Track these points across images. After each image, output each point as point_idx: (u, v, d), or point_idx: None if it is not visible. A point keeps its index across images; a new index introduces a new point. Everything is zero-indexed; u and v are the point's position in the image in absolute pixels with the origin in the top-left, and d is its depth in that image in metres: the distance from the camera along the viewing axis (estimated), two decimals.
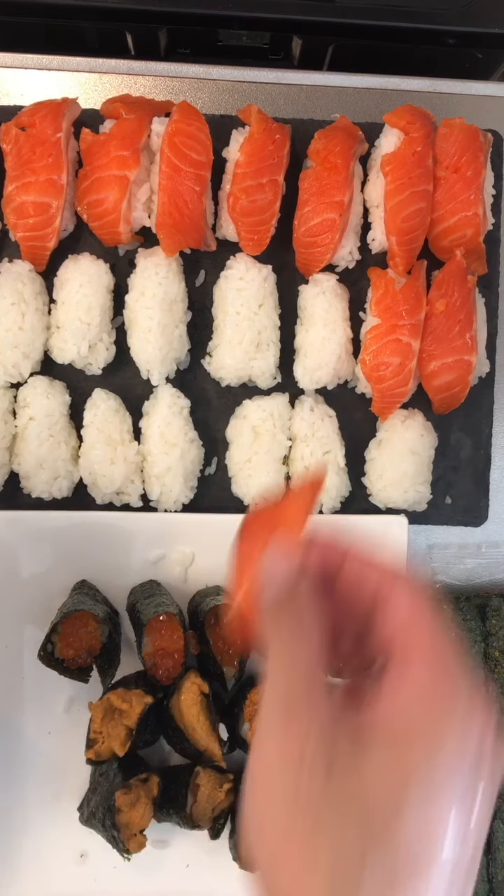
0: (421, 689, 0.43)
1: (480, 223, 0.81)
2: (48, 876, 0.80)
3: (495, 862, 0.81)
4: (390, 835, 0.39)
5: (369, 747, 0.41)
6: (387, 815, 0.39)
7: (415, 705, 0.42)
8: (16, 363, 0.81)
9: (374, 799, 0.39)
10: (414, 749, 0.41)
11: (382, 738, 0.41)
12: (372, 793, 0.40)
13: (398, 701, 0.43)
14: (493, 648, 0.83)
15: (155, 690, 0.77)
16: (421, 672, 0.43)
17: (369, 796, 0.39)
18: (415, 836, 0.39)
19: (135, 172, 0.79)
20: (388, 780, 0.40)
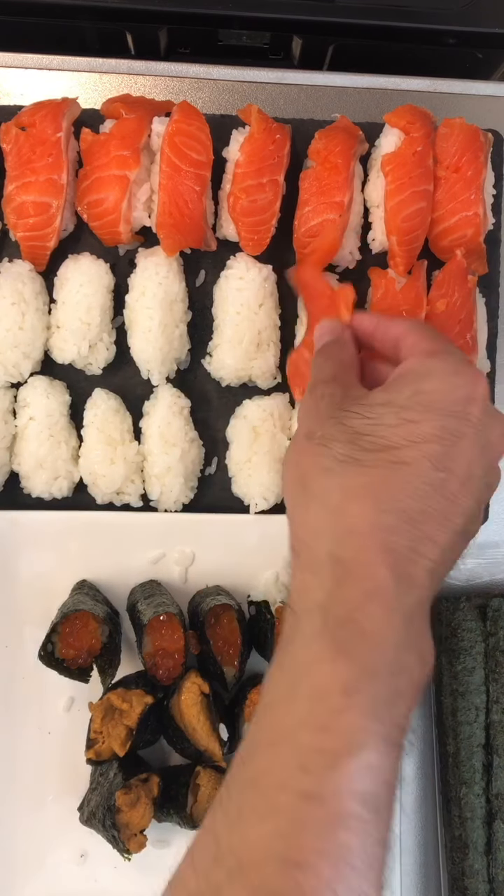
0: (417, 356, 0.57)
1: (481, 223, 0.82)
2: (48, 876, 0.80)
3: (495, 862, 0.81)
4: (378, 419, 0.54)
5: (371, 394, 0.57)
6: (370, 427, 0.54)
7: (409, 366, 0.57)
8: (16, 363, 0.81)
9: (374, 405, 0.55)
10: (403, 383, 0.56)
11: (381, 386, 0.57)
12: (371, 401, 0.56)
13: (398, 371, 0.57)
14: (493, 648, 0.83)
15: (155, 690, 0.77)
16: (419, 352, 0.58)
17: (363, 417, 0.55)
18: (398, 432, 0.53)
19: (135, 172, 0.79)
20: (377, 404, 0.55)
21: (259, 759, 0.48)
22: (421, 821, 0.87)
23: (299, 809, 0.45)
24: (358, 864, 0.44)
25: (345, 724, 0.46)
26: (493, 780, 0.81)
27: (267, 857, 0.44)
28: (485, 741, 0.82)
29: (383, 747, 0.46)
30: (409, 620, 0.49)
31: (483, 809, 0.82)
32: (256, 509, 0.83)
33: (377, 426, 0.54)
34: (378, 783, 0.45)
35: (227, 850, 0.46)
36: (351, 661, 0.47)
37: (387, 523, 0.50)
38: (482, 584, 0.89)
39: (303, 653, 0.49)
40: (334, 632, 0.49)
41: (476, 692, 0.82)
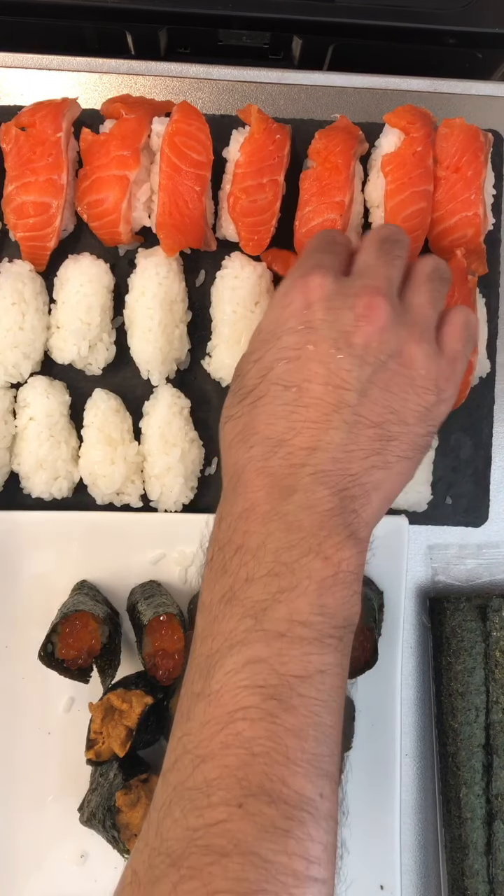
0: None
1: (481, 223, 0.82)
2: (48, 876, 0.80)
3: (495, 862, 0.81)
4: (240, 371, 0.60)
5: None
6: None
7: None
8: (16, 363, 0.81)
9: (237, 378, 0.60)
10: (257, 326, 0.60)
11: None
12: (238, 373, 0.60)
13: None
14: (493, 648, 0.83)
15: (155, 690, 0.77)
16: None
17: (237, 376, 0.60)
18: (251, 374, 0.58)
19: (135, 172, 0.79)
20: (242, 360, 0.60)
21: (184, 676, 0.53)
22: (421, 821, 0.87)
23: (199, 709, 0.48)
24: (264, 752, 0.45)
25: (222, 627, 0.50)
26: (493, 780, 0.81)
27: (182, 756, 0.48)
28: (485, 741, 0.82)
29: (271, 641, 0.48)
30: (293, 526, 0.51)
31: (483, 810, 0.82)
32: None
33: (241, 378, 0.58)
34: (271, 675, 0.47)
35: (166, 757, 0.50)
36: (226, 575, 0.51)
37: (257, 454, 0.54)
38: (482, 584, 0.89)
39: (202, 583, 0.54)
40: (214, 555, 0.53)
41: (476, 692, 0.82)
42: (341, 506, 0.52)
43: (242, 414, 0.56)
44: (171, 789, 0.47)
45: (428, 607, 0.88)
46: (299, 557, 0.50)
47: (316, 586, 0.50)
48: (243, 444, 0.55)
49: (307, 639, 0.49)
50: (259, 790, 0.44)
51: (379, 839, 0.80)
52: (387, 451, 0.55)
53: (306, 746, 0.47)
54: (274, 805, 0.44)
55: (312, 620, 0.49)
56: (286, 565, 0.50)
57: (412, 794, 0.87)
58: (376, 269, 0.59)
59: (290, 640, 0.48)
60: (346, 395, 0.54)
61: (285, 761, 0.46)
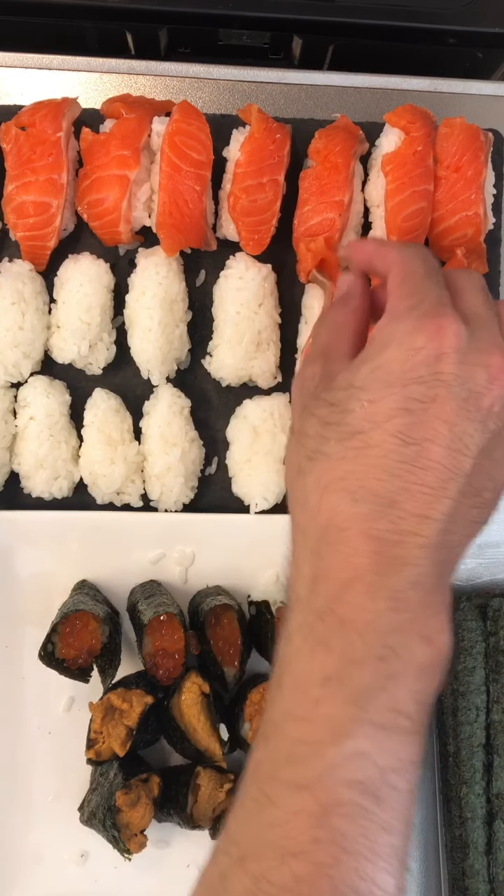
0: (384, 317, 0.54)
1: (481, 223, 0.82)
2: (49, 876, 0.80)
3: (496, 862, 0.81)
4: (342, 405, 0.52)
5: (340, 375, 0.54)
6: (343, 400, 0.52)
7: (375, 332, 0.54)
8: (16, 363, 0.81)
9: (337, 390, 0.53)
10: (363, 358, 0.53)
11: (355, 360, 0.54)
12: (336, 386, 0.53)
13: (370, 338, 0.54)
14: (493, 648, 0.83)
15: (155, 690, 0.77)
16: (387, 311, 0.54)
17: (330, 405, 0.53)
18: (360, 415, 0.51)
19: (135, 172, 0.79)
20: (341, 388, 0.53)
21: (256, 751, 0.49)
22: (421, 821, 0.87)
23: (290, 799, 0.45)
24: (356, 849, 0.44)
25: (324, 713, 0.46)
26: (493, 779, 0.81)
27: (264, 847, 0.45)
28: (485, 741, 0.82)
29: (373, 733, 0.46)
30: (401, 602, 0.48)
31: (483, 809, 0.82)
32: (256, 509, 0.83)
33: (343, 413, 0.52)
34: (371, 769, 0.45)
35: (232, 841, 0.47)
36: (328, 652, 0.47)
37: (363, 512, 0.49)
38: (482, 584, 0.89)
39: (286, 648, 0.50)
40: (313, 624, 0.49)
41: (476, 692, 0.82)
42: (441, 581, 0.50)
43: (345, 457, 0.51)
44: (252, 880, 0.45)
45: None
46: (406, 641, 0.47)
47: (418, 673, 0.48)
48: (346, 495, 0.50)
49: (406, 730, 0.47)
50: (349, 889, 0.44)
51: None
52: (478, 519, 0.53)
53: (394, 841, 0.46)
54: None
55: (411, 711, 0.47)
56: (392, 649, 0.47)
57: None
58: (491, 323, 0.54)
59: (391, 732, 0.46)
60: (465, 461, 0.50)
61: (375, 858, 0.44)
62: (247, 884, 0.45)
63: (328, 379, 0.54)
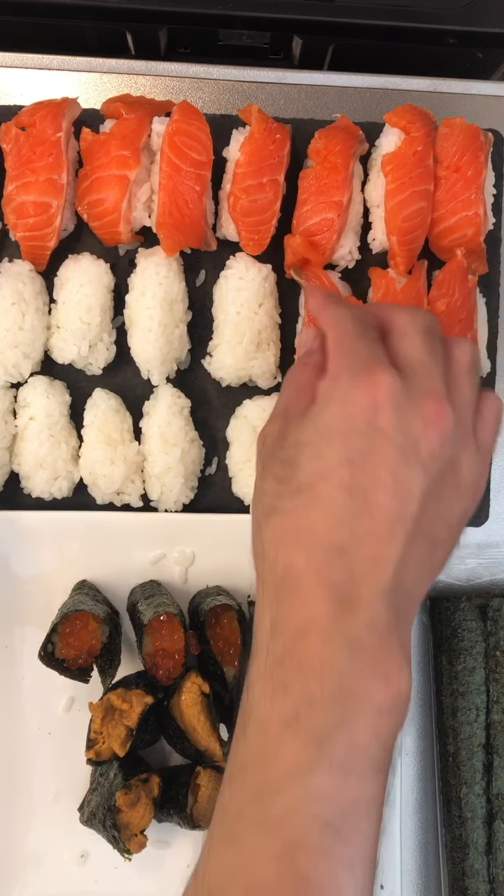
0: (324, 381, 0.56)
1: (481, 223, 0.82)
2: (48, 876, 0.80)
3: (496, 862, 0.81)
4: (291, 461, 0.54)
5: (290, 433, 0.56)
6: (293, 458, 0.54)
7: (321, 390, 0.56)
8: (16, 363, 0.81)
9: (288, 448, 0.55)
10: (308, 418, 0.55)
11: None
12: (287, 444, 0.55)
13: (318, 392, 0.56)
14: (493, 648, 0.83)
15: (155, 690, 0.77)
16: (326, 376, 0.56)
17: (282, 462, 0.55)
18: (308, 470, 0.53)
19: (135, 172, 0.79)
20: (291, 445, 0.55)
21: (224, 792, 0.51)
22: (421, 821, 0.87)
23: (255, 837, 0.47)
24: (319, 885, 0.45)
25: (285, 754, 0.48)
26: (493, 780, 0.81)
27: (231, 884, 0.47)
28: (485, 741, 0.82)
29: (333, 772, 0.47)
30: (357, 645, 0.49)
31: (483, 809, 0.82)
32: None
33: (293, 469, 0.54)
34: (332, 808, 0.47)
35: (203, 877, 0.49)
36: (286, 695, 0.49)
37: (316, 562, 0.51)
38: (482, 584, 0.89)
39: (249, 693, 0.52)
40: (273, 670, 0.50)
41: (476, 692, 0.82)
42: (397, 622, 0.51)
43: (295, 510, 0.53)
44: None
45: (428, 607, 0.88)
46: (364, 683, 0.49)
47: (376, 712, 0.49)
48: (299, 547, 0.52)
49: (364, 769, 0.48)
50: None
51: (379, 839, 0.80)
52: (433, 559, 0.54)
53: (357, 875, 0.47)
54: None
55: (371, 749, 0.48)
56: (349, 691, 0.48)
57: (412, 793, 0.87)
58: (431, 368, 0.56)
59: (350, 771, 0.47)
60: (410, 505, 0.51)
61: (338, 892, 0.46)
62: None
63: (283, 438, 0.56)
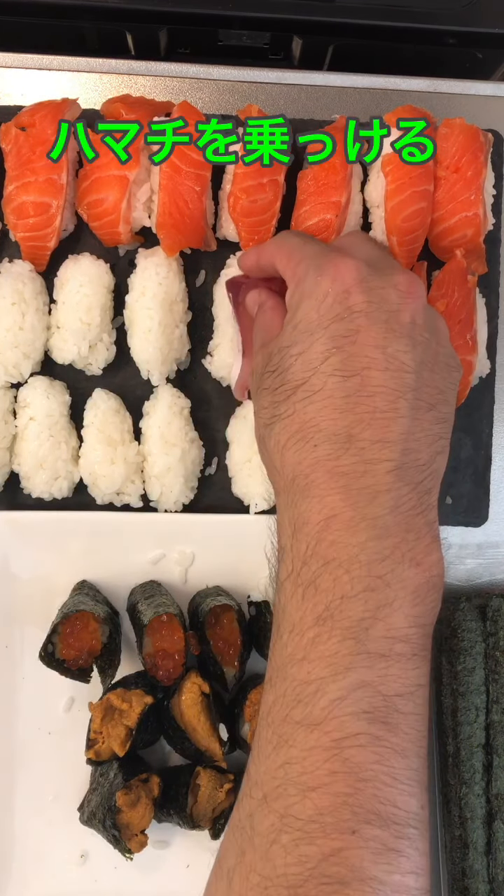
0: (289, 287, 0.57)
1: (481, 223, 0.82)
2: (48, 876, 0.80)
3: (495, 862, 0.81)
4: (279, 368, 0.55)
5: (270, 344, 0.58)
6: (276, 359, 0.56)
7: (289, 297, 0.57)
8: (16, 363, 0.81)
9: (273, 358, 0.56)
10: (286, 322, 0.56)
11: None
12: (271, 355, 0.57)
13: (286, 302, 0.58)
14: (493, 648, 0.83)
15: (155, 690, 0.77)
16: (289, 281, 0.57)
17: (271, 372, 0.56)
18: (297, 368, 0.53)
19: (135, 172, 0.79)
20: (275, 353, 0.56)
21: (266, 696, 0.51)
22: None
23: (303, 738, 0.47)
24: (372, 776, 0.45)
25: (322, 651, 0.47)
26: (493, 780, 0.81)
27: (285, 784, 0.46)
28: (485, 741, 0.82)
29: (373, 663, 0.47)
30: (381, 529, 0.48)
31: (483, 810, 0.82)
32: (256, 509, 0.83)
33: (282, 374, 0.54)
34: (377, 698, 0.46)
35: (255, 783, 0.48)
36: (317, 592, 0.48)
37: (323, 454, 0.50)
38: (482, 584, 0.89)
39: (280, 597, 0.51)
40: (299, 570, 0.50)
41: (476, 692, 0.82)
42: (420, 502, 0.50)
43: (295, 411, 0.52)
44: (278, 817, 0.46)
45: None
46: (394, 567, 0.48)
47: (411, 597, 0.48)
48: (305, 444, 0.51)
49: (406, 655, 0.48)
50: (371, 815, 0.45)
51: None
52: (443, 434, 0.53)
53: (410, 763, 0.47)
54: (386, 827, 0.45)
55: (410, 634, 0.48)
56: (381, 578, 0.48)
57: None
58: (384, 255, 0.57)
59: (392, 659, 0.47)
60: (407, 378, 0.51)
61: (393, 782, 0.46)
62: (273, 821, 0.46)
63: (268, 357, 0.57)
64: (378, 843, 0.44)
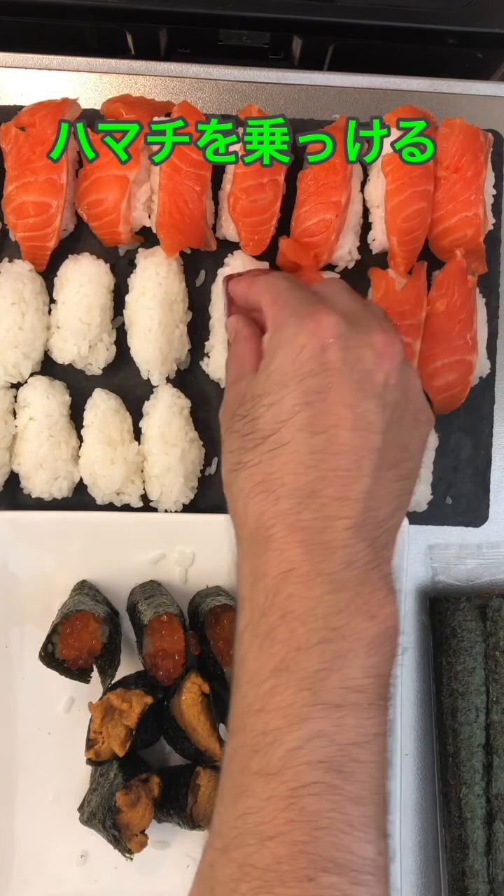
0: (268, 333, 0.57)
1: (481, 223, 0.82)
2: (48, 876, 0.80)
3: (495, 862, 0.81)
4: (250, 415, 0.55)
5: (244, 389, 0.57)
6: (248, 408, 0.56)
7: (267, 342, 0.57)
8: (16, 363, 0.81)
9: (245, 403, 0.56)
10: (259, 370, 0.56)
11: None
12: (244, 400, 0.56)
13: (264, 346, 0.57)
14: (493, 648, 0.83)
15: (155, 690, 0.77)
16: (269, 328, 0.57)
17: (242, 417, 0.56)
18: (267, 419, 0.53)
19: (135, 172, 0.79)
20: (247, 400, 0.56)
21: (227, 747, 0.52)
22: (421, 821, 0.87)
23: (261, 787, 0.47)
24: (329, 825, 0.46)
25: (278, 702, 0.48)
26: (493, 780, 0.81)
27: (244, 834, 0.47)
28: (485, 741, 0.82)
29: (328, 713, 0.47)
30: (337, 584, 0.49)
31: (483, 810, 0.82)
32: None
33: (253, 421, 0.54)
34: (331, 748, 0.47)
35: (217, 833, 0.49)
36: (274, 644, 0.49)
37: (286, 507, 0.51)
38: (482, 584, 0.89)
39: (239, 648, 0.52)
40: (258, 622, 0.51)
41: (476, 692, 0.82)
42: (376, 556, 0.51)
43: (261, 462, 0.53)
44: (237, 867, 0.47)
45: (428, 607, 0.88)
46: (348, 620, 0.49)
47: (366, 648, 0.49)
48: (268, 496, 0.52)
49: (361, 704, 0.48)
50: (328, 862, 0.45)
51: None
52: (403, 491, 0.54)
53: (366, 811, 0.47)
54: (343, 874, 0.45)
55: (364, 685, 0.49)
56: (336, 630, 0.49)
57: (412, 793, 0.87)
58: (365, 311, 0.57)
59: (346, 709, 0.48)
60: (373, 438, 0.52)
61: (349, 829, 0.46)
62: (233, 870, 0.47)
63: (240, 400, 0.57)
64: (335, 891, 0.45)
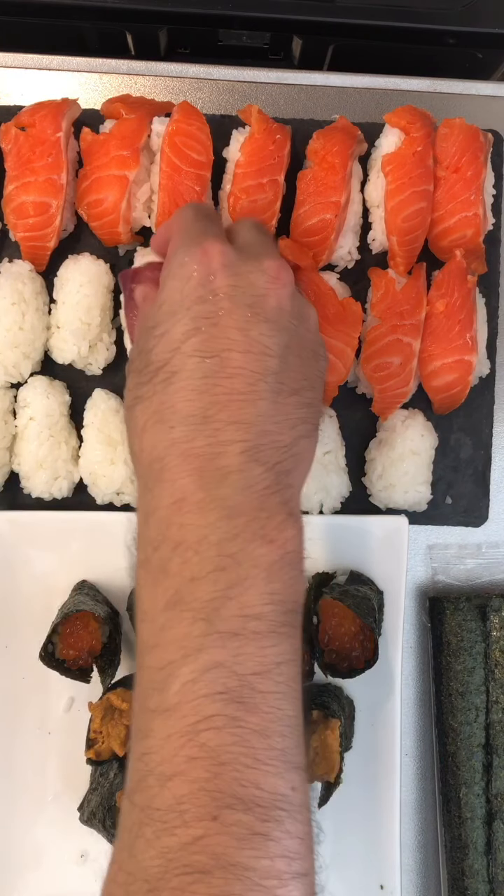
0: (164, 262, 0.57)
1: (481, 223, 0.82)
2: (48, 876, 0.80)
3: (495, 862, 0.81)
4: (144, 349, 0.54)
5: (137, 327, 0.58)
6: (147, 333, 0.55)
7: (161, 276, 0.56)
8: (16, 363, 0.81)
9: (139, 340, 0.56)
10: (154, 298, 0.55)
11: None
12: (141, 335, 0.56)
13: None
14: (493, 648, 0.83)
15: None
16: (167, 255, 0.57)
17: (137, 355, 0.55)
18: (159, 350, 0.52)
19: (135, 172, 0.79)
20: (140, 335, 0.55)
21: (134, 689, 0.50)
22: (421, 821, 0.87)
23: (160, 726, 0.45)
24: (231, 759, 0.44)
25: (172, 635, 0.46)
26: (493, 780, 0.81)
27: (146, 776, 0.45)
28: (485, 741, 0.82)
29: (225, 642, 0.45)
30: (232, 510, 0.47)
31: (483, 809, 0.82)
32: None
33: (146, 355, 0.53)
34: (231, 678, 0.45)
35: (127, 780, 0.47)
36: (167, 577, 0.47)
37: (179, 436, 0.49)
38: (482, 584, 0.89)
39: (136, 587, 0.50)
40: (150, 557, 0.49)
41: (476, 692, 0.82)
42: (276, 481, 0.49)
43: (155, 393, 0.51)
44: (140, 811, 0.45)
45: (428, 607, 0.88)
46: (244, 546, 0.47)
47: (264, 574, 0.47)
48: (161, 426, 0.50)
49: (261, 632, 0.46)
50: (232, 799, 0.43)
51: (379, 839, 0.80)
52: (308, 418, 0.53)
53: (273, 743, 0.45)
54: (249, 811, 0.43)
55: (264, 612, 0.46)
56: (231, 557, 0.46)
57: (412, 793, 0.87)
58: (261, 240, 0.57)
59: (245, 637, 0.45)
60: (269, 361, 0.51)
61: (254, 763, 0.44)
62: (137, 815, 0.45)
63: (137, 338, 0.56)
64: (242, 828, 0.42)
